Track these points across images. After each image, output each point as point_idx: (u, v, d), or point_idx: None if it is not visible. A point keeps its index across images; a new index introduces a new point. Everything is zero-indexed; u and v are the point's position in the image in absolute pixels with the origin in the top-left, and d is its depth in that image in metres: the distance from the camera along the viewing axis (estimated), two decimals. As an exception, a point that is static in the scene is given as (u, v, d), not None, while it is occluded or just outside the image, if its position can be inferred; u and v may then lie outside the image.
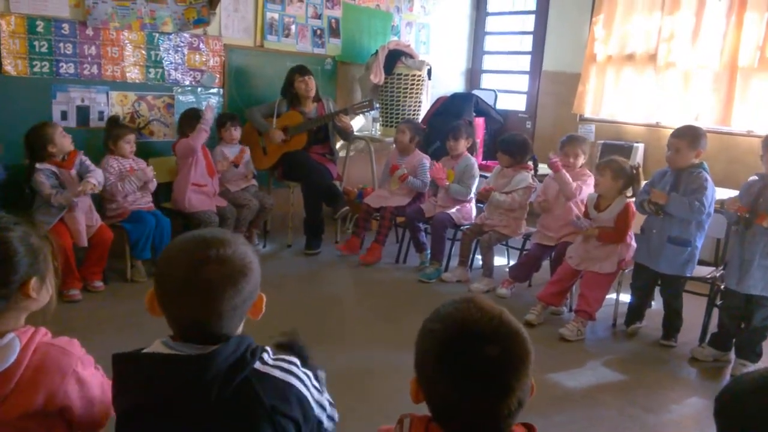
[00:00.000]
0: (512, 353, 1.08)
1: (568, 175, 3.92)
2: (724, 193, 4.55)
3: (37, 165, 3.67)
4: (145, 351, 1.26)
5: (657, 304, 3.82)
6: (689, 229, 3.40)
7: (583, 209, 3.85)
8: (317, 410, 1.32)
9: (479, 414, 1.07)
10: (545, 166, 4.78)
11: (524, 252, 4.32)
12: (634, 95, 5.52)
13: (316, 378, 1.37)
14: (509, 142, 4.32)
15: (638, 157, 5.39)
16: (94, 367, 1.47)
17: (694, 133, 3.40)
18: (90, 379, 1.40)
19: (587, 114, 5.89)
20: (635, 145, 5.43)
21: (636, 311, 3.69)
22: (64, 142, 3.74)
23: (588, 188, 3.92)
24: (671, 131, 3.51)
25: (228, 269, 1.23)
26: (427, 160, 4.76)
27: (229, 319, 1.26)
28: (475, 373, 1.06)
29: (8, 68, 3.97)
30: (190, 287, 1.22)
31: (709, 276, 3.55)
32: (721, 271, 3.51)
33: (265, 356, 1.29)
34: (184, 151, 4.30)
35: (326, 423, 1.35)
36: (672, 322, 3.54)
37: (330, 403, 1.39)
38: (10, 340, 1.32)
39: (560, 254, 3.91)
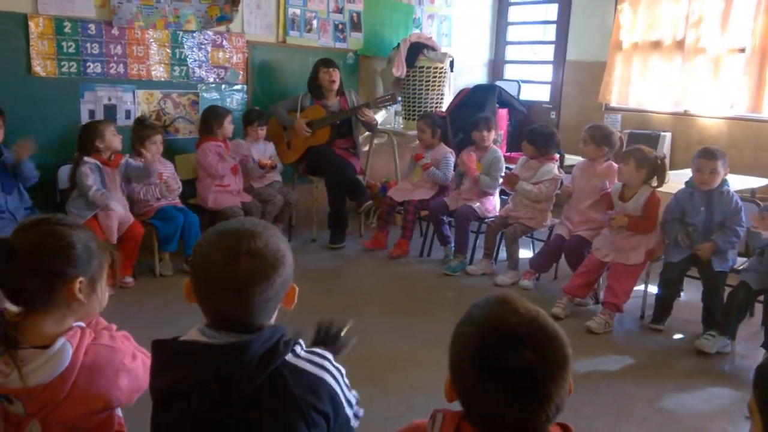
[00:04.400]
0: (549, 359, 1.05)
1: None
2: (754, 182, 4.47)
3: (85, 158, 3.77)
4: (182, 338, 1.28)
5: (684, 296, 3.77)
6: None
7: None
8: (347, 407, 1.33)
9: (515, 420, 1.05)
10: (571, 157, 4.75)
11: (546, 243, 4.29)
12: (661, 83, 5.42)
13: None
14: (535, 133, 4.28)
15: (666, 146, 5.31)
16: (133, 351, 1.50)
17: (723, 153, 3.41)
18: (137, 369, 1.44)
19: (613, 103, 5.81)
20: (662, 134, 5.35)
21: (666, 306, 3.59)
22: (113, 140, 3.85)
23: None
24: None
25: (260, 263, 1.24)
26: (451, 155, 4.74)
27: (260, 311, 1.27)
28: (511, 379, 1.03)
29: (37, 69, 4.04)
30: (222, 281, 1.24)
31: (740, 267, 3.47)
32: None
33: (298, 348, 1.30)
34: (205, 162, 4.33)
35: (353, 421, 1.36)
36: (715, 314, 3.36)
37: (356, 400, 1.39)
38: (62, 344, 1.35)
39: (574, 247, 3.87)
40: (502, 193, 4.68)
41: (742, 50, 4.96)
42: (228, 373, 1.22)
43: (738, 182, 4.31)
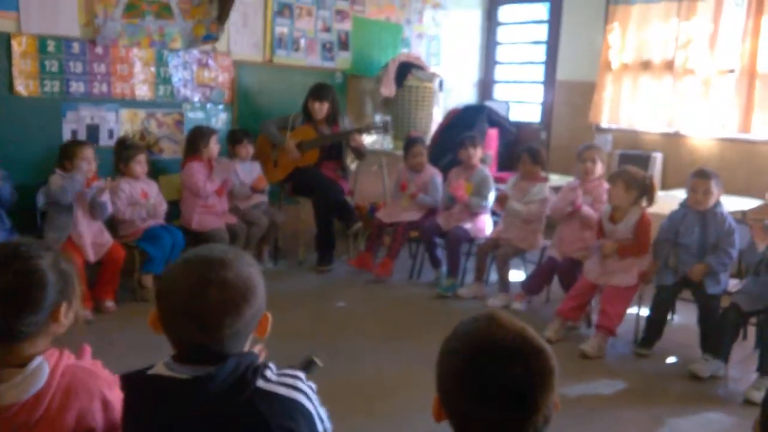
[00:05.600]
0: (536, 371, 1.06)
1: (587, 210, 3.84)
2: (744, 204, 4.44)
3: (57, 170, 3.72)
4: (148, 372, 1.26)
5: (678, 319, 3.72)
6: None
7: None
8: (319, 423, 1.30)
9: None
10: (564, 177, 4.72)
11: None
12: (651, 104, 5.43)
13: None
14: (539, 153, 4.25)
15: (657, 166, 5.29)
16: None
17: (716, 173, 3.41)
18: (115, 402, 1.39)
19: (603, 124, 5.80)
20: (653, 154, 5.33)
21: (656, 329, 3.52)
22: (81, 165, 3.73)
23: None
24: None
25: (229, 294, 1.20)
26: (438, 177, 4.69)
27: (231, 342, 1.23)
28: (499, 394, 1.04)
29: (20, 89, 3.97)
30: (189, 311, 1.20)
31: (733, 290, 3.42)
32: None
33: (268, 373, 1.27)
34: (190, 182, 4.27)
35: None
36: (711, 338, 3.29)
37: (327, 416, 1.36)
38: (39, 363, 1.33)
39: (567, 269, 3.84)
40: (493, 213, 4.62)
41: (731, 71, 4.98)
42: (190, 408, 1.19)
43: (729, 204, 4.28)
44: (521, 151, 4.32)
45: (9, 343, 1.35)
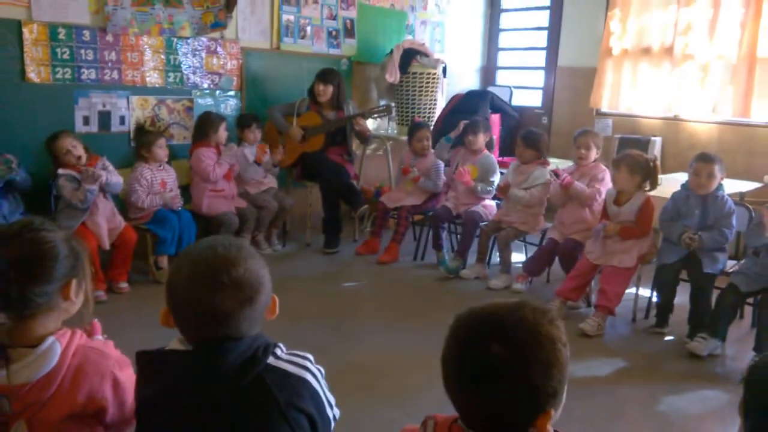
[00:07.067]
0: (519, 353, 1.01)
1: (579, 185, 3.91)
2: (743, 186, 4.52)
3: (60, 171, 3.74)
4: (165, 348, 1.31)
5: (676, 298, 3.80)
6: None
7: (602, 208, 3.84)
8: (328, 408, 1.34)
9: (492, 414, 1.04)
10: (566, 162, 4.78)
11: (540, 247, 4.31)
12: (651, 89, 5.48)
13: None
14: (534, 138, 4.30)
15: (656, 150, 5.36)
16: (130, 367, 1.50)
17: (719, 157, 3.44)
18: (125, 382, 1.43)
19: (604, 108, 5.86)
20: (653, 138, 5.40)
21: (666, 309, 3.59)
22: (71, 150, 3.75)
23: (606, 185, 3.90)
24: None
25: (243, 293, 1.25)
26: (440, 162, 4.78)
27: (245, 328, 1.28)
28: (475, 373, 1.02)
29: (32, 75, 4.03)
30: (205, 314, 1.24)
31: (731, 270, 3.48)
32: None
33: (278, 351, 1.31)
34: (199, 168, 4.34)
35: (332, 423, 1.37)
36: (701, 316, 3.38)
37: (335, 402, 1.40)
38: (51, 343, 1.35)
39: (568, 250, 3.91)
40: (497, 197, 4.70)
41: (730, 57, 5.01)
42: (207, 378, 1.23)
43: (728, 186, 4.34)
44: (522, 140, 4.37)
45: (21, 314, 1.37)
